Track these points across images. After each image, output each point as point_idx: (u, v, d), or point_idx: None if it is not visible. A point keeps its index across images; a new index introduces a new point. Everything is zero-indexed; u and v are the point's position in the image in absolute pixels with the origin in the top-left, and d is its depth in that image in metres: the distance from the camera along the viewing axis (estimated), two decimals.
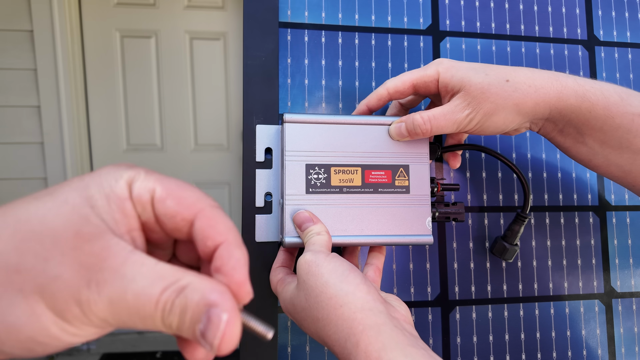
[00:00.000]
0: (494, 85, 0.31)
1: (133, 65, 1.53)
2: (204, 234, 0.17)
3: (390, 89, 0.34)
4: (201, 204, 0.17)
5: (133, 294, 0.15)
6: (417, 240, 0.34)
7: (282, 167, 0.34)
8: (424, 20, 0.43)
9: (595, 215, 0.44)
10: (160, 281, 0.15)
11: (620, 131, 0.30)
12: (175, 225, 0.17)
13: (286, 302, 0.30)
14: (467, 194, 0.42)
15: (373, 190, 0.34)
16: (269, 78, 0.38)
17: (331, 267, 0.27)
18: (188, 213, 0.17)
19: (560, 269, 0.42)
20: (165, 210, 0.17)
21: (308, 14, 0.41)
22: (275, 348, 0.36)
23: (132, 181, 0.17)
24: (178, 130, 1.57)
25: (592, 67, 0.45)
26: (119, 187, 0.16)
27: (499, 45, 0.44)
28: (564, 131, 0.33)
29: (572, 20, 0.45)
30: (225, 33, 1.57)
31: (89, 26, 1.49)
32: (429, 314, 0.40)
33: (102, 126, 1.53)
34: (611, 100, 0.30)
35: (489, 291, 0.41)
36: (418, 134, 0.33)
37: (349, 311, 0.25)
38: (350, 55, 0.41)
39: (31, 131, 1.39)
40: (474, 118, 0.31)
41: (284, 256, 0.35)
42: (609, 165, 0.32)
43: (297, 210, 0.33)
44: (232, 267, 0.16)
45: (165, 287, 0.15)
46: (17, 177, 1.40)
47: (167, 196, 0.17)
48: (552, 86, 0.31)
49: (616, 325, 0.43)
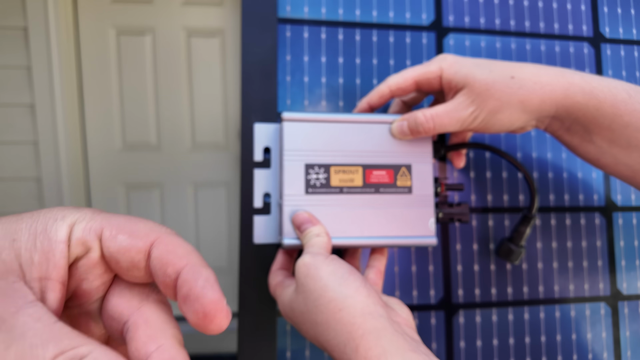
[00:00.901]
0: (499, 82, 0.30)
1: (129, 63, 1.51)
2: (163, 261, 0.15)
3: (392, 85, 0.33)
4: (155, 233, 0.15)
5: (17, 352, 0.12)
6: (420, 242, 0.33)
7: (280, 167, 0.33)
8: (427, 16, 0.42)
9: (602, 216, 0.43)
10: (54, 344, 0.12)
11: (629, 129, 0.29)
12: (131, 261, 0.15)
13: (285, 306, 0.29)
14: (471, 195, 0.41)
15: (374, 191, 0.33)
16: (268, 75, 0.37)
17: (330, 270, 0.26)
18: (143, 243, 0.15)
19: (565, 271, 0.41)
20: (118, 246, 0.15)
21: (308, 9, 0.40)
22: (274, 352, 0.35)
23: (74, 223, 0.15)
24: (175, 128, 1.56)
25: (598, 65, 0.44)
26: (55, 227, 0.15)
27: (504, 42, 0.43)
28: (571, 129, 0.32)
29: (577, 17, 0.44)
30: (223, 30, 1.56)
31: (85, 23, 1.48)
32: (432, 317, 0.39)
33: (97, 124, 1.52)
34: (619, 97, 0.29)
35: (493, 294, 0.40)
36: (420, 133, 0.32)
37: (349, 315, 0.24)
38: (351, 51, 0.40)
39: (25, 130, 1.37)
40: (479, 116, 0.31)
41: (283, 258, 0.34)
42: (617, 165, 0.32)
43: (296, 211, 0.32)
44: (201, 287, 0.14)
45: (59, 352, 0.12)
46: (10, 176, 1.38)
47: (118, 232, 0.15)
48: (558, 83, 0.30)
49: (622, 328, 0.42)
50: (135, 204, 1.56)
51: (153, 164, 1.57)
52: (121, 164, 1.55)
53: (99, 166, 1.54)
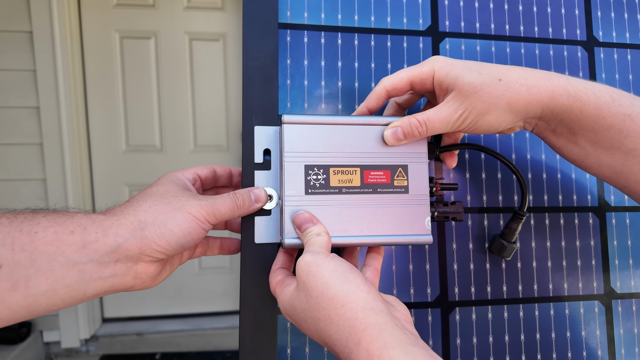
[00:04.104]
0: (487, 84, 0.31)
1: (132, 66, 1.53)
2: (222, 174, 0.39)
3: (388, 86, 0.34)
4: None
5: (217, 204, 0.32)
6: (417, 240, 0.34)
7: (281, 168, 0.34)
8: (424, 21, 0.43)
9: (595, 216, 0.44)
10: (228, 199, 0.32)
11: (611, 131, 0.30)
12: None
13: (285, 304, 0.30)
14: (466, 195, 0.42)
15: (372, 191, 0.34)
16: (269, 79, 0.38)
17: (331, 268, 0.27)
18: None
19: (560, 270, 0.42)
20: None
21: (307, 15, 0.41)
22: (275, 349, 0.36)
23: None
24: (177, 131, 1.57)
25: (591, 68, 0.45)
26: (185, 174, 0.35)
27: (499, 46, 0.44)
28: (557, 131, 0.33)
29: (571, 21, 0.45)
30: (225, 34, 1.57)
31: (89, 27, 1.49)
32: (429, 315, 0.40)
33: (101, 127, 1.53)
34: (602, 100, 0.30)
35: (488, 292, 0.41)
36: (415, 136, 0.33)
37: (351, 311, 0.25)
38: (349, 56, 0.41)
39: (30, 132, 1.39)
40: (467, 117, 0.32)
41: (283, 257, 0.34)
42: (600, 166, 0.32)
43: (296, 211, 0.33)
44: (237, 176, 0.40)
45: None
46: (16, 178, 1.40)
47: None
48: (544, 85, 0.31)
49: (616, 326, 0.43)
50: None
51: (156, 166, 1.58)
52: (125, 166, 1.56)
53: (103, 167, 1.55)
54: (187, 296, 1.64)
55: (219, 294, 1.66)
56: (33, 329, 1.46)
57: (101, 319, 1.61)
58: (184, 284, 1.63)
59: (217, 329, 1.61)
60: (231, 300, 1.68)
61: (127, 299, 1.62)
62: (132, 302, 1.62)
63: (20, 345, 1.38)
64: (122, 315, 1.63)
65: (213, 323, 1.63)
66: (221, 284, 1.66)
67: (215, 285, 1.66)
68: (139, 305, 1.63)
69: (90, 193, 1.55)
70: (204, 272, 1.65)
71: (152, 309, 1.64)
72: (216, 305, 1.66)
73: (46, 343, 1.51)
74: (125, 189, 1.59)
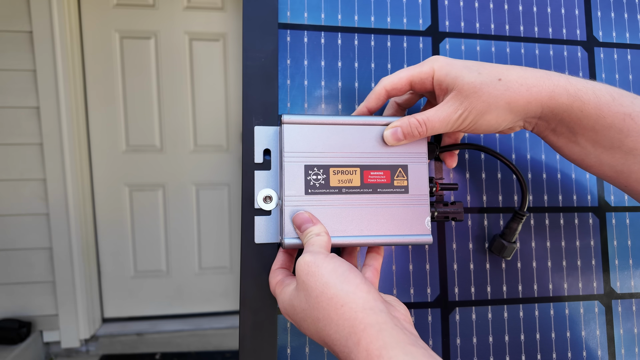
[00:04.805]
0: (486, 84, 0.31)
1: (132, 66, 1.53)
2: None
3: (388, 85, 0.34)
4: None
5: None
6: (417, 240, 0.34)
7: (280, 168, 0.34)
8: (424, 21, 0.43)
9: (595, 216, 0.44)
10: None
11: (611, 131, 0.30)
12: None
13: (285, 304, 0.30)
14: (466, 195, 0.42)
15: (372, 191, 0.34)
16: (269, 79, 0.38)
17: (331, 268, 0.27)
18: None
19: (560, 270, 0.42)
20: None
21: (307, 15, 0.41)
22: (275, 349, 0.36)
23: None
24: (177, 131, 1.57)
25: (591, 68, 0.45)
26: None
27: (499, 46, 0.44)
28: (557, 130, 0.33)
29: (571, 21, 0.45)
30: (225, 34, 1.57)
31: (89, 27, 1.49)
32: (429, 315, 0.40)
33: (101, 127, 1.53)
34: (603, 99, 0.30)
35: (488, 292, 0.41)
36: (415, 136, 0.33)
37: (350, 310, 0.25)
38: (349, 56, 0.41)
39: (30, 132, 1.39)
40: (467, 117, 0.32)
41: (283, 257, 0.34)
42: (601, 165, 0.32)
43: (296, 211, 0.33)
44: None
45: None
46: (16, 178, 1.40)
47: None
48: (544, 85, 0.31)
49: (616, 326, 0.43)
50: (138, 205, 1.58)
51: (156, 166, 1.58)
52: (125, 166, 1.56)
53: (102, 167, 1.55)
54: (187, 296, 1.64)
55: (219, 294, 1.66)
56: (33, 329, 1.46)
57: (101, 319, 1.61)
58: (183, 284, 1.63)
59: (217, 329, 1.61)
60: (231, 300, 1.68)
61: (127, 299, 1.62)
62: (132, 302, 1.62)
63: (20, 345, 1.38)
64: (122, 315, 1.63)
65: (213, 323, 1.63)
66: (221, 284, 1.66)
67: (215, 285, 1.66)
68: (139, 305, 1.63)
69: (90, 193, 1.55)
70: (203, 272, 1.65)
71: (152, 309, 1.64)
72: (216, 305, 1.66)
73: (46, 343, 1.51)
74: (125, 189, 1.59)
